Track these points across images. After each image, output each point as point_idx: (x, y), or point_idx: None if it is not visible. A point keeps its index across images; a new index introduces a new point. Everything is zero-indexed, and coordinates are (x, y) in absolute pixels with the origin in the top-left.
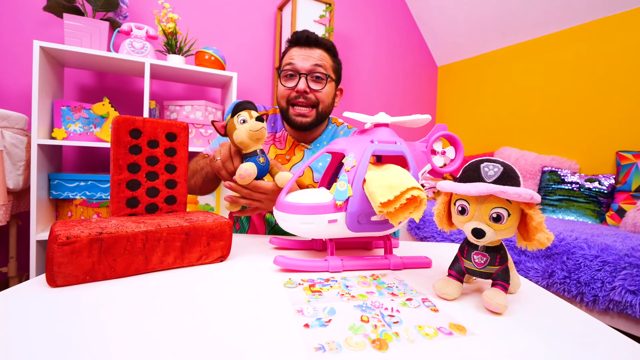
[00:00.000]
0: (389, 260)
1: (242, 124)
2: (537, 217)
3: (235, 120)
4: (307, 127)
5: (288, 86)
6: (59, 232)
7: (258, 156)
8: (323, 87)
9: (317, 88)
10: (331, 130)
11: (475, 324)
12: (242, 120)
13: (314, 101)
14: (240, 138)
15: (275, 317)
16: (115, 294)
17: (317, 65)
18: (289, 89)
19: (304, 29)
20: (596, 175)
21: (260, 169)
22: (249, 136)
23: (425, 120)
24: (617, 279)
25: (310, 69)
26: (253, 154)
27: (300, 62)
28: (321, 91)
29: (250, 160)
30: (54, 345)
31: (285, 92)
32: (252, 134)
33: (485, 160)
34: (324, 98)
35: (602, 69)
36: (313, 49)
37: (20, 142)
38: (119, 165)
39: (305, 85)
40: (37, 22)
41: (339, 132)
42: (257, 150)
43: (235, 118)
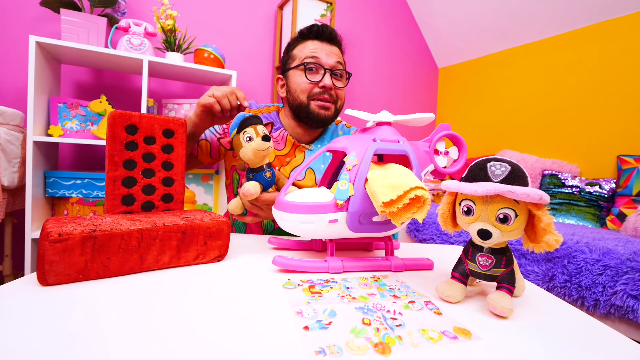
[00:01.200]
0: (390, 261)
1: (248, 142)
2: (545, 218)
3: (242, 138)
4: (327, 122)
5: (313, 80)
6: (51, 229)
7: (265, 171)
8: (345, 85)
9: (340, 85)
10: (330, 129)
11: (480, 328)
12: (249, 138)
13: (335, 98)
14: (246, 157)
15: (273, 319)
16: (108, 293)
17: (339, 62)
18: (312, 83)
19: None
20: (597, 179)
21: (266, 183)
22: (254, 155)
23: (429, 119)
24: (619, 283)
25: (334, 65)
26: (260, 169)
27: (324, 57)
28: (342, 89)
29: (257, 175)
30: (45, 345)
31: (307, 86)
32: (258, 152)
33: (492, 160)
34: (342, 96)
35: (603, 72)
36: (332, 45)
37: (16, 139)
38: (114, 162)
39: (331, 81)
40: (33, 17)
41: (338, 131)
42: (264, 165)
43: (242, 135)
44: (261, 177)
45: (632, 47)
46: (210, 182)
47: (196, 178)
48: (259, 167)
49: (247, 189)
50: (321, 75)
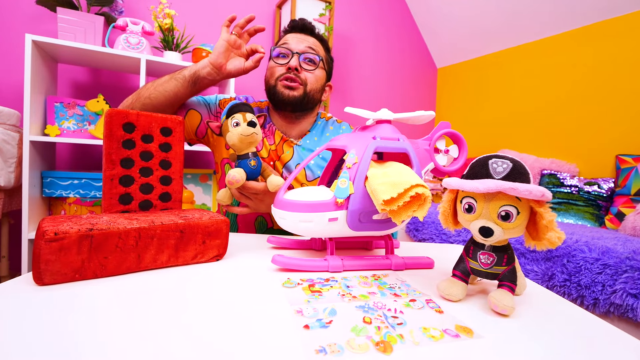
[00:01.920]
0: (390, 260)
1: (235, 127)
2: (547, 216)
3: (229, 123)
4: (294, 104)
5: (279, 63)
6: (47, 227)
7: (250, 159)
8: (314, 68)
9: (309, 68)
10: (320, 125)
11: (481, 326)
12: (236, 123)
13: (304, 80)
14: (232, 141)
15: (273, 318)
16: (106, 293)
17: (310, 48)
18: (279, 65)
19: None
20: (595, 179)
21: (251, 171)
22: (239, 140)
23: (429, 116)
24: (618, 282)
25: (303, 50)
26: (245, 156)
27: (294, 43)
28: (312, 72)
29: (242, 162)
30: (41, 346)
31: (275, 70)
32: (244, 138)
33: (493, 157)
34: (314, 81)
35: (601, 72)
36: (308, 36)
37: (12, 139)
38: (112, 160)
39: (297, 63)
40: (29, 16)
41: (329, 127)
42: (249, 154)
43: (230, 120)
44: (245, 164)
45: (631, 47)
46: (209, 182)
47: (194, 178)
48: (244, 155)
49: (232, 176)
50: (289, 58)
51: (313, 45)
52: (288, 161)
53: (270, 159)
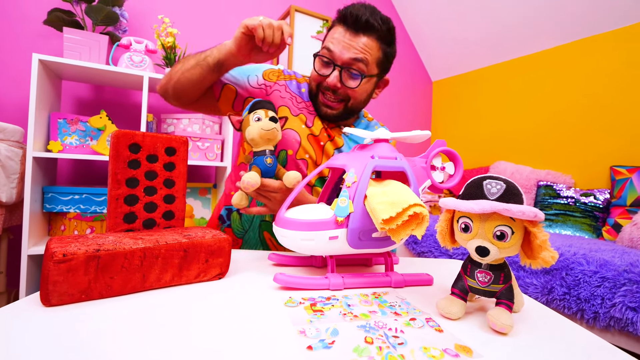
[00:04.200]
0: (390, 277)
1: (256, 122)
2: (541, 235)
3: (251, 117)
4: (332, 120)
5: (320, 73)
6: (55, 249)
7: (266, 156)
8: (357, 85)
9: (351, 85)
10: (364, 124)
11: (481, 345)
12: (257, 118)
13: (344, 96)
14: (251, 135)
15: (277, 339)
16: (111, 313)
17: (356, 60)
18: (321, 76)
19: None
20: (591, 190)
21: (266, 169)
22: (259, 135)
23: (425, 136)
24: (617, 295)
25: (347, 62)
26: (262, 153)
27: (338, 49)
28: (355, 89)
29: (258, 159)
30: None
31: (317, 78)
32: (264, 133)
33: (488, 177)
34: (357, 95)
35: (595, 85)
36: (359, 36)
37: (15, 155)
38: (118, 180)
39: (337, 80)
40: (36, 35)
41: (373, 127)
42: (267, 151)
43: (251, 115)
44: (261, 161)
45: (625, 60)
46: (208, 195)
47: (194, 192)
48: (261, 151)
49: (245, 181)
50: (331, 70)
51: (362, 51)
52: (340, 146)
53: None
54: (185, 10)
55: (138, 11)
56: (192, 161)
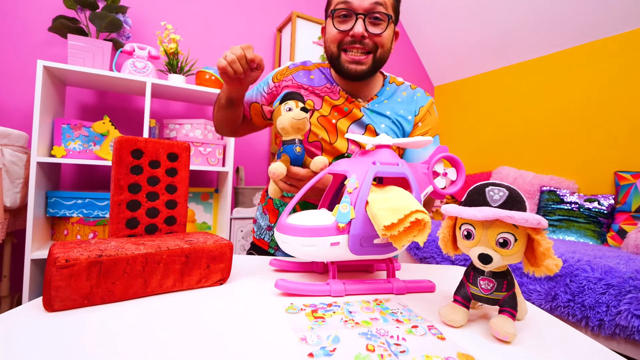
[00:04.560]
0: (392, 284)
1: (288, 112)
2: (544, 243)
3: (282, 107)
4: (362, 77)
5: (342, 29)
6: (58, 254)
7: (295, 145)
8: (384, 30)
9: (377, 32)
10: (390, 91)
11: (483, 354)
12: (288, 108)
13: (372, 46)
14: (282, 124)
15: (278, 346)
16: (113, 318)
17: (376, 4)
18: (342, 32)
19: None
20: (595, 195)
21: (295, 157)
22: (290, 124)
23: (427, 142)
24: (623, 302)
25: (368, 8)
26: (291, 141)
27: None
28: (381, 35)
29: (287, 148)
30: None
31: (337, 36)
32: (295, 122)
33: (490, 184)
34: (384, 42)
35: (599, 89)
36: None
37: (20, 160)
38: (120, 186)
39: (363, 28)
40: (41, 42)
41: (401, 92)
42: (296, 140)
43: (283, 105)
44: (291, 149)
45: (628, 64)
46: (210, 200)
47: (196, 197)
48: (290, 140)
49: (273, 171)
50: (353, 22)
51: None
52: (359, 118)
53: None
54: (187, 16)
55: (141, 18)
56: (194, 166)
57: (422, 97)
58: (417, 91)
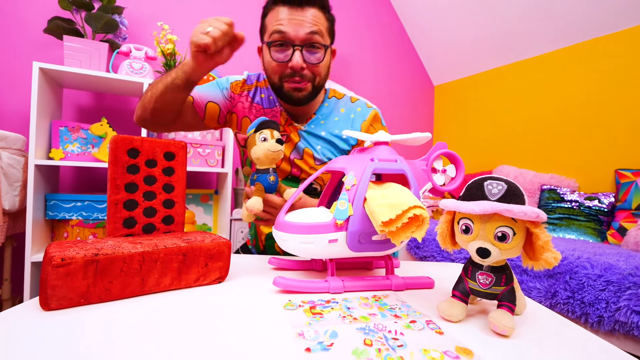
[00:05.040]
0: (390, 280)
1: (263, 142)
2: (543, 236)
3: (257, 137)
4: (304, 102)
5: (280, 60)
6: (54, 253)
7: (269, 174)
8: (321, 59)
9: (314, 62)
10: (328, 108)
11: (482, 348)
12: (264, 138)
13: (310, 76)
14: (256, 154)
15: (275, 341)
16: (110, 317)
17: (312, 33)
18: (281, 64)
19: None
20: (596, 194)
21: (269, 186)
22: (265, 155)
23: (426, 138)
24: (622, 299)
25: (305, 39)
26: (265, 171)
27: (292, 29)
28: (319, 65)
29: (261, 177)
30: None
31: (277, 68)
32: (270, 154)
33: (489, 178)
34: (321, 71)
35: (599, 87)
36: (305, 10)
37: (17, 163)
38: (116, 185)
39: (302, 59)
40: (37, 44)
41: (339, 109)
42: (270, 169)
43: (258, 134)
44: (265, 179)
45: (628, 62)
46: (210, 202)
47: (196, 198)
48: (264, 170)
49: (250, 207)
50: (291, 52)
51: (314, 23)
52: (296, 143)
53: None
54: (184, 16)
55: (138, 18)
56: (193, 167)
57: (363, 111)
58: (357, 105)
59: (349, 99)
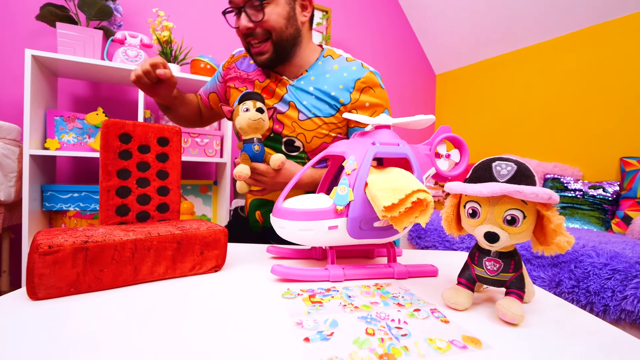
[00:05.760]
0: (393, 268)
1: (245, 112)
2: (555, 219)
3: (240, 108)
4: (269, 65)
5: (236, 26)
6: (41, 240)
7: (254, 144)
8: (264, 14)
9: (259, 18)
10: (321, 66)
11: (490, 336)
12: (246, 109)
13: (263, 33)
14: (239, 124)
15: (273, 331)
16: (101, 306)
17: None
18: (239, 30)
19: None
20: (600, 182)
21: (254, 155)
22: (247, 124)
23: (429, 120)
24: (629, 287)
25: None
26: (249, 141)
27: None
28: (266, 19)
29: (246, 146)
30: None
31: (238, 33)
32: (251, 122)
33: (497, 159)
34: (274, 23)
35: (603, 74)
36: None
37: (12, 153)
38: (108, 172)
39: (247, 21)
40: (29, 32)
41: (332, 65)
42: (254, 139)
43: (241, 106)
44: (249, 148)
45: (633, 48)
46: (209, 193)
47: (195, 189)
48: (249, 139)
49: (238, 173)
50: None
51: None
52: (282, 96)
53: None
54: (180, 3)
55: (132, 5)
56: (192, 157)
57: (358, 70)
58: (353, 64)
59: (344, 59)
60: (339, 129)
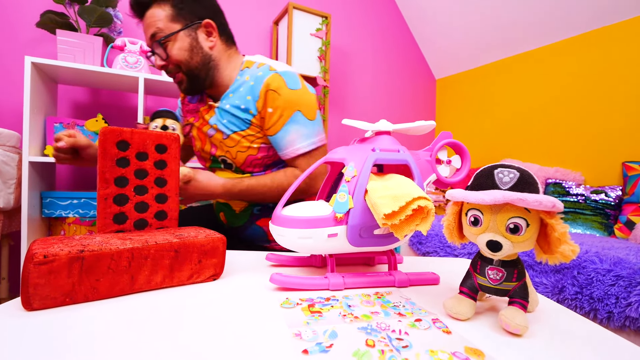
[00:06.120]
0: (393, 276)
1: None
2: (559, 228)
3: (151, 126)
4: (192, 92)
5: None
6: (36, 250)
7: None
8: (165, 53)
9: (163, 56)
10: (239, 80)
11: (493, 348)
12: (155, 127)
13: (174, 67)
14: None
15: (270, 342)
16: (98, 317)
17: (152, 36)
18: None
19: None
20: (602, 187)
21: None
22: None
23: (430, 126)
24: (633, 294)
25: (149, 44)
26: None
27: (145, 38)
28: (170, 55)
29: None
30: None
31: None
32: None
33: (499, 166)
34: (178, 58)
35: (604, 78)
36: (145, 17)
37: (12, 160)
38: (105, 179)
39: (159, 59)
40: (29, 39)
41: (245, 77)
42: None
43: (151, 124)
44: None
45: (634, 52)
46: None
47: None
48: None
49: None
50: None
51: (152, 24)
52: (208, 120)
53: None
54: None
55: None
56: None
57: (264, 75)
58: (261, 70)
59: (256, 66)
60: (259, 139)
